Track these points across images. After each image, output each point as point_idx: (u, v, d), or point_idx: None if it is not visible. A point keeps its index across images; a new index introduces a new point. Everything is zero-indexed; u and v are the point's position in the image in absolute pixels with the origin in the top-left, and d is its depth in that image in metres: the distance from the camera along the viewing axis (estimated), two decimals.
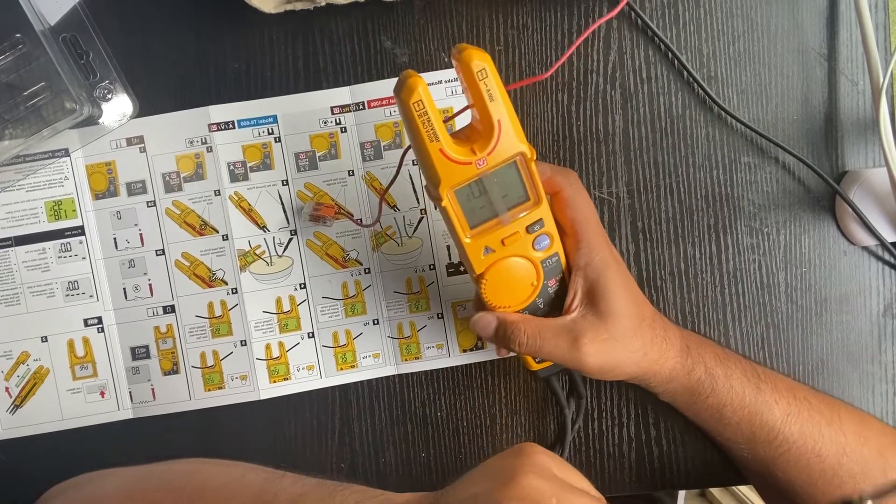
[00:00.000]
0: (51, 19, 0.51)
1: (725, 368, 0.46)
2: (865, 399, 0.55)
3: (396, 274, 0.54)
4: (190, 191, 0.54)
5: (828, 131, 0.54)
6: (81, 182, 0.54)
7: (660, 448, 0.55)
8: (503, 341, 0.44)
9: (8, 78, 0.51)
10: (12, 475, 0.54)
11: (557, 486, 0.33)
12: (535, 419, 0.55)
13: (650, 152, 0.54)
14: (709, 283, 0.54)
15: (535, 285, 0.45)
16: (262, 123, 0.54)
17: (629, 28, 0.53)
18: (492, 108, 0.38)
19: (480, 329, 0.45)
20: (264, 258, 0.54)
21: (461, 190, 0.40)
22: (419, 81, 0.36)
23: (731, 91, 0.53)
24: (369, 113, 0.53)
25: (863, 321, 0.54)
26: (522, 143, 0.39)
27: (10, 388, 0.54)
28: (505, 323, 0.44)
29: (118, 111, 0.53)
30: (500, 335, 0.44)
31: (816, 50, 0.53)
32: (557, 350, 0.43)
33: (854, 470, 0.45)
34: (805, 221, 0.54)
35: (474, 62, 0.37)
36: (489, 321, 0.45)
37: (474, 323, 0.45)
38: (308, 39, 0.53)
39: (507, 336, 0.44)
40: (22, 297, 0.54)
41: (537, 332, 0.43)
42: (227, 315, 0.54)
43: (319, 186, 0.54)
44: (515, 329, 0.43)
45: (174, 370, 0.55)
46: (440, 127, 0.37)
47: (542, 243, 0.43)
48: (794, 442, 0.45)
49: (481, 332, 0.45)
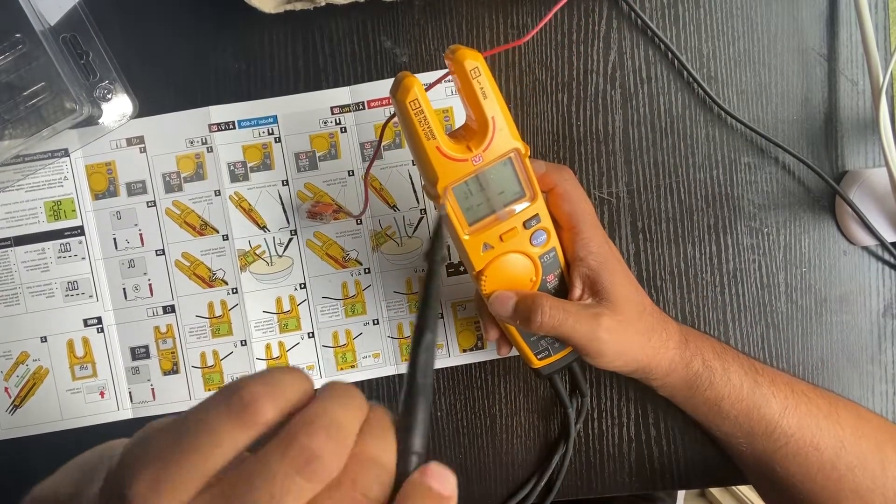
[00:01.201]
0: (51, 19, 0.52)
1: (723, 362, 0.47)
2: (865, 399, 0.55)
3: (396, 274, 0.54)
4: (190, 191, 0.54)
5: (828, 131, 0.54)
6: (81, 182, 0.54)
7: (660, 448, 0.55)
8: (524, 316, 0.43)
9: (8, 78, 0.51)
10: (12, 475, 0.54)
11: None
12: (536, 419, 0.55)
13: (650, 152, 0.54)
14: (709, 283, 0.54)
15: (535, 281, 0.45)
16: (263, 124, 0.54)
17: (629, 28, 0.53)
18: (486, 106, 0.39)
19: (499, 306, 0.44)
20: (264, 258, 0.54)
21: (458, 187, 0.40)
22: (414, 81, 0.37)
23: (731, 91, 0.53)
24: (369, 113, 0.53)
25: (863, 321, 0.54)
26: (516, 139, 0.40)
27: (9, 388, 0.54)
28: (525, 297, 0.43)
29: (118, 111, 0.53)
30: (521, 310, 0.43)
31: (816, 50, 0.53)
32: (579, 324, 0.42)
33: (852, 463, 0.45)
34: (805, 221, 0.54)
35: (467, 61, 0.38)
36: (508, 297, 0.43)
37: (492, 301, 0.44)
38: (308, 39, 0.53)
39: (529, 308, 0.42)
40: (21, 297, 0.54)
41: (560, 305, 0.42)
42: (227, 315, 0.54)
43: (319, 186, 0.54)
44: (538, 300, 0.42)
45: (174, 370, 0.55)
46: (437, 125, 0.38)
47: (539, 238, 0.44)
48: (792, 435, 0.45)
49: (500, 308, 0.44)
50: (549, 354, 0.48)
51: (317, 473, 0.19)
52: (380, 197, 0.54)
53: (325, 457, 0.19)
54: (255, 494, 0.19)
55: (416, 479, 0.20)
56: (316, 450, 0.19)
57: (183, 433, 0.20)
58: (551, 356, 0.48)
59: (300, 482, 0.19)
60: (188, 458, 0.19)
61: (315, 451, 0.19)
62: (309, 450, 0.19)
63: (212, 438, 0.20)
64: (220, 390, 0.21)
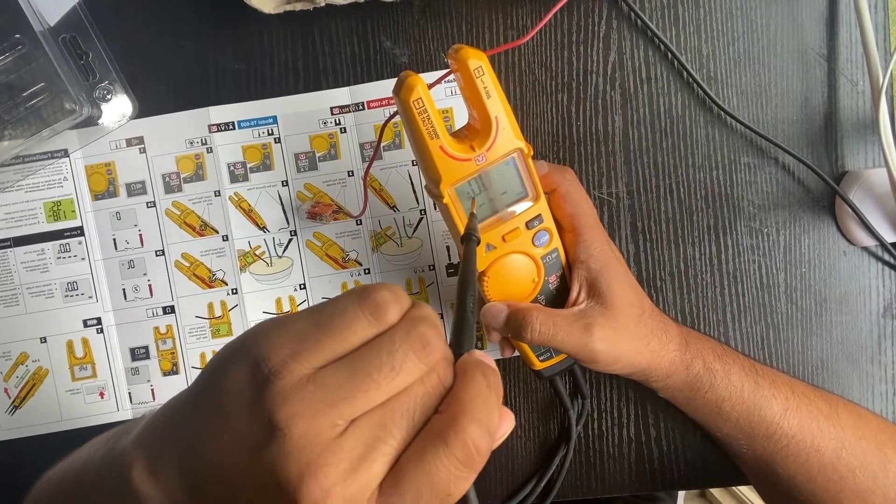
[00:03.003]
0: (50, 20, 0.51)
1: (723, 364, 0.47)
2: (865, 399, 0.55)
3: (396, 274, 0.54)
4: (190, 191, 0.54)
5: (828, 131, 0.54)
6: (81, 183, 0.53)
7: (660, 448, 0.55)
8: (515, 330, 0.43)
9: (8, 78, 0.51)
10: (12, 475, 0.54)
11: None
12: (536, 420, 0.55)
13: (650, 153, 0.54)
14: (709, 283, 0.54)
15: (537, 282, 0.45)
16: (262, 124, 0.53)
17: (629, 28, 0.53)
18: (489, 105, 0.38)
19: (491, 318, 0.44)
20: (264, 259, 0.54)
21: (461, 187, 0.40)
22: (418, 80, 0.37)
23: (730, 91, 0.53)
24: (369, 113, 0.53)
25: (863, 321, 0.54)
26: (519, 139, 0.40)
27: (9, 388, 0.54)
28: (516, 311, 0.43)
29: (118, 112, 0.53)
30: (512, 324, 0.43)
31: (816, 50, 0.53)
32: (570, 337, 0.43)
33: (853, 464, 0.45)
34: (805, 222, 0.54)
35: (471, 60, 0.38)
36: (500, 309, 0.44)
37: (484, 313, 0.44)
38: (308, 40, 0.53)
39: (520, 323, 0.43)
40: (21, 297, 0.54)
41: (550, 319, 0.43)
42: (227, 315, 0.54)
43: (319, 187, 0.54)
44: (528, 316, 0.42)
45: (174, 371, 0.54)
46: (440, 124, 0.38)
47: (541, 239, 0.44)
48: (792, 436, 0.45)
49: (491, 321, 0.44)
50: (550, 356, 0.48)
51: (429, 356, 0.24)
52: (379, 197, 0.54)
53: (435, 345, 0.24)
54: (380, 363, 0.23)
55: (468, 356, 0.26)
56: (430, 338, 0.24)
57: (321, 320, 0.24)
58: (553, 358, 0.48)
59: (414, 360, 0.23)
60: (326, 337, 0.23)
61: (429, 339, 0.24)
62: (426, 337, 0.24)
63: (348, 326, 0.24)
64: (353, 292, 0.25)
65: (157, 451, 0.25)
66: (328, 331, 0.23)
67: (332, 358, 0.23)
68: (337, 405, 0.22)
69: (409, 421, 0.23)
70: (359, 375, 0.23)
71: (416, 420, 0.23)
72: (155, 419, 0.26)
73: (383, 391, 0.23)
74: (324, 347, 0.23)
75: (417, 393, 0.23)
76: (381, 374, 0.23)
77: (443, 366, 0.24)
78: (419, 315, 0.25)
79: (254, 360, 0.23)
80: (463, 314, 0.28)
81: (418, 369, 0.23)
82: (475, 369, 0.25)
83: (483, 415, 0.23)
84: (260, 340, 0.23)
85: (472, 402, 0.23)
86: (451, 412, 0.23)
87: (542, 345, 0.46)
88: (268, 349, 0.23)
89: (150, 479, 0.24)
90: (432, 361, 0.24)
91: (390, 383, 0.23)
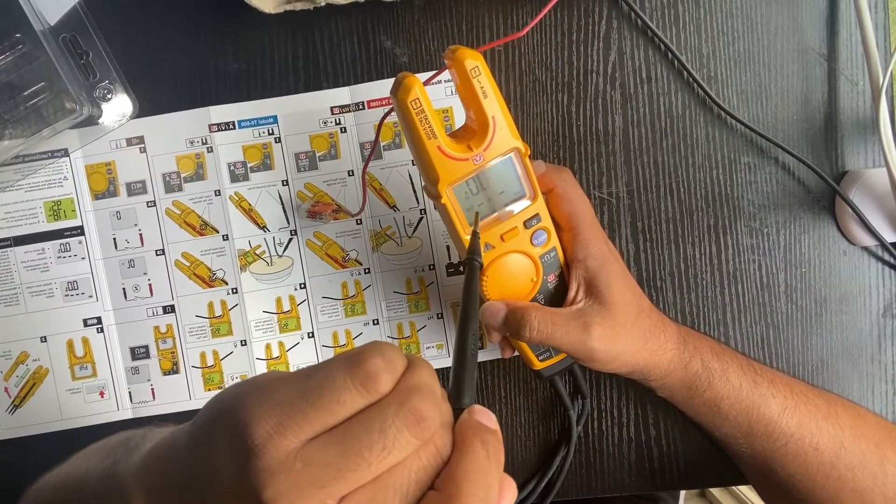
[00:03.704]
0: (51, 19, 0.52)
1: (722, 362, 0.47)
2: (865, 399, 0.55)
3: (396, 274, 0.54)
4: (190, 191, 0.54)
5: (828, 131, 0.54)
6: (81, 182, 0.54)
7: (660, 448, 0.55)
8: (513, 329, 0.43)
9: (8, 78, 0.51)
10: (12, 474, 0.54)
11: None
12: (536, 419, 0.55)
13: (650, 152, 0.54)
14: (709, 283, 0.54)
15: (535, 281, 0.45)
16: (263, 124, 0.54)
17: (629, 28, 0.53)
18: (486, 105, 0.39)
19: (489, 317, 0.44)
20: (264, 258, 0.54)
21: (459, 187, 0.40)
22: (415, 81, 0.37)
23: (730, 91, 0.53)
24: (369, 113, 0.53)
25: (863, 321, 0.54)
26: (516, 138, 0.40)
27: (9, 388, 0.54)
28: (515, 310, 0.43)
29: (118, 111, 0.53)
30: (511, 323, 0.43)
31: (816, 50, 0.53)
32: (568, 336, 0.43)
33: (852, 463, 0.45)
34: (805, 221, 0.54)
35: (467, 61, 0.38)
36: (498, 308, 0.44)
37: (483, 311, 0.45)
38: (308, 39, 0.53)
39: (518, 322, 0.43)
40: (21, 297, 0.54)
41: (548, 318, 0.43)
42: (227, 315, 0.54)
43: (319, 186, 0.54)
44: (526, 315, 0.43)
45: (174, 370, 0.55)
46: (438, 125, 0.38)
47: (539, 238, 0.44)
48: (791, 435, 0.45)
49: (490, 320, 0.44)
50: (550, 356, 0.48)
51: (423, 432, 0.22)
52: (379, 197, 0.54)
53: (431, 419, 0.23)
54: (371, 441, 0.22)
55: (467, 417, 0.24)
56: (425, 412, 0.22)
57: (308, 390, 0.22)
58: (552, 358, 0.48)
59: (408, 436, 0.22)
60: (313, 410, 0.22)
61: (424, 414, 0.22)
62: (420, 412, 0.22)
63: (336, 397, 0.22)
64: (343, 358, 0.23)
65: (156, 491, 0.25)
66: (315, 403, 0.22)
67: (321, 430, 0.22)
68: (326, 485, 0.21)
69: (403, 499, 0.22)
70: (349, 454, 0.22)
71: (410, 497, 0.22)
72: (156, 454, 0.26)
73: (374, 469, 0.22)
74: (311, 420, 0.22)
75: (412, 468, 0.22)
76: (373, 452, 0.22)
77: (440, 435, 0.23)
78: (413, 385, 0.23)
79: (236, 430, 0.22)
80: (463, 356, 0.27)
81: (412, 445, 0.22)
82: (474, 437, 0.23)
83: (482, 491, 0.22)
84: (242, 409, 0.22)
85: (469, 479, 0.22)
86: (447, 492, 0.22)
87: (540, 343, 0.46)
88: (250, 420, 0.22)
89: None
90: (427, 436, 0.23)
91: (381, 462, 0.22)
